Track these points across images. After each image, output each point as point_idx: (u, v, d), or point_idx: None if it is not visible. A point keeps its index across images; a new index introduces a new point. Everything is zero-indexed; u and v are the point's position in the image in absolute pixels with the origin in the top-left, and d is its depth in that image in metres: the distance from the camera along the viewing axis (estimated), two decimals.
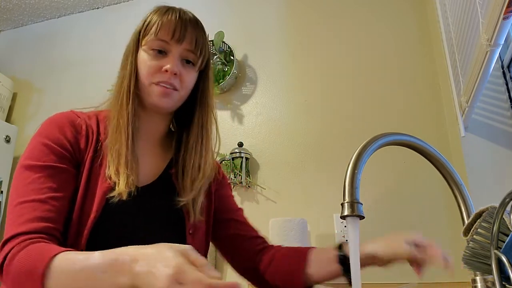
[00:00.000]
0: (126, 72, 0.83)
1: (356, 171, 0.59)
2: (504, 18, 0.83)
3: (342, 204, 0.58)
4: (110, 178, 0.73)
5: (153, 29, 0.81)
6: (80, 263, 0.56)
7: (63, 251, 0.59)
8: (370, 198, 1.46)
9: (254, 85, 1.86)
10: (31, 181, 0.69)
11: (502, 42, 0.92)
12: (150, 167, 0.84)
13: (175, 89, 0.81)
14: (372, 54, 1.72)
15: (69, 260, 0.57)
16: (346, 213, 0.57)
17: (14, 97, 2.25)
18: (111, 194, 0.72)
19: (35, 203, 0.67)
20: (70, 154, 0.74)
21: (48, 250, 0.60)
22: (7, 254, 0.61)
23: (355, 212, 0.56)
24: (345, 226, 1.47)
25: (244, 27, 1.98)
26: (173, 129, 0.93)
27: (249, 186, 1.68)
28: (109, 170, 0.74)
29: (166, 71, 0.79)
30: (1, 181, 1.90)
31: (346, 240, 1.48)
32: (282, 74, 1.83)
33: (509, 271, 0.40)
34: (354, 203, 0.57)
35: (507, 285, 0.42)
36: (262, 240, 0.91)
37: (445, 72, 1.47)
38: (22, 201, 0.67)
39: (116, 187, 0.72)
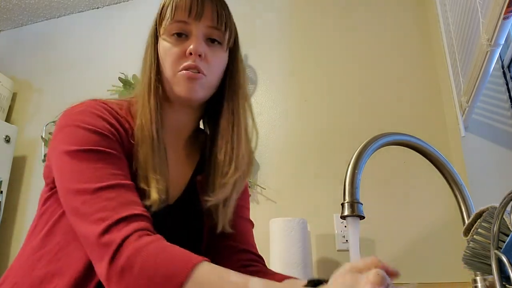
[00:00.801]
0: (146, 66, 0.75)
1: (356, 171, 0.59)
2: (504, 18, 0.83)
3: (342, 204, 0.58)
4: (140, 184, 0.65)
5: (168, 12, 0.73)
6: (233, 285, 0.48)
7: (206, 261, 0.52)
8: (370, 198, 1.45)
9: (254, 85, 1.86)
10: (101, 166, 0.61)
11: (503, 42, 0.92)
12: (177, 174, 0.75)
13: (202, 73, 0.71)
14: (372, 54, 1.72)
15: (218, 276, 0.50)
16: (346, 213, 0.57)
17: (14, 97, 2.25)
18: (144, 202, 0.63)
19: (120, 188, 0.59)
20: (121, 146, 0.67)
21: (186, 255, 0.52)
22: (118, 248, 0.52)
23: (355, 212, 0.56)
24: (345, 226, 1.47)
25: (244, 27, 1.98)
26: (202, 128, 0.85)
27: (249, 186, 1.68)
28: (139, 176, 0.65)
29: (190, 53, 0.70)
30: (1, 181, 1.90)
31: (347, 241, 1.48)
32: (282, 74, 1.82)
33: (509, 271, 0.40)
34: (354, 203, 0.57)
35: (507, 285, 0.42)
36: (251, 256, 0.81)
37: (445, 72, 1.47)
38: (102, 186, 0.58)
39: (147, 197, 0.63)
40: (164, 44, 0.74)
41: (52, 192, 0.69)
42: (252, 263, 0.80)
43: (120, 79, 1.97)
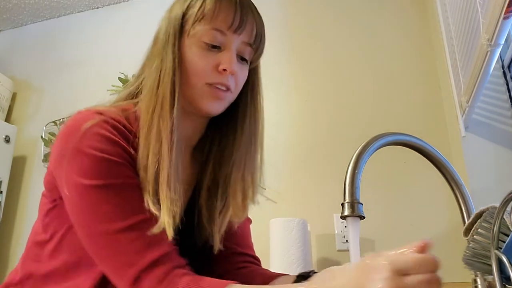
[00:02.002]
0: (166, 66, 0.65)
1: (356, 171, 0.59)
2: (504, 18, 0.83)
3: (343, 204, 0.58)
4: (148, 205, 0.59)
5: (206, 14, 0.65)
6: None
7: (232, 283, 0.53)
8: (370, 198, 1.45)
9: None
10: (119, 202, 0.58)
11: (503, 42, 0.92)
12: (183, 181, 0.70)
13: (230, 91, 0.68)
14: (372, 54, 1.72)
15: None
16: (346, 213, 0.57)
17: (13, 97, 2.25)
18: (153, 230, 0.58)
19: (141, 226, 0.57)
20: (133, 168, 0.62)
21: (215, 284, 0.54)
22: None
23: (355, 212, 0.56)
24: (345, 226, 1.47)
25: None
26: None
27: None
28: (146, 194, 0.60)
29: (225, 70, 0.65)
30: (1, 181, 1.89)
31: (347, 241, 1.48)
32: (282, 74, 1.82)
33: (510, 271, 0.40)
34: (354, 203, 0.57)
35: (507, 286, 0.42)
36: (247, 258, 0.81)
37: (445, 72, 1.47)
38: (124, 228, 0.56)
39: (159, 219, 0.58)
40: (194, 50, 0.66)
41: (55, 205, 0.67)
42: (246, 265, 0.79)
43: (120, 79, 1.97)
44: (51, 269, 0.65)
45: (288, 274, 0.76)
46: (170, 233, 0.58)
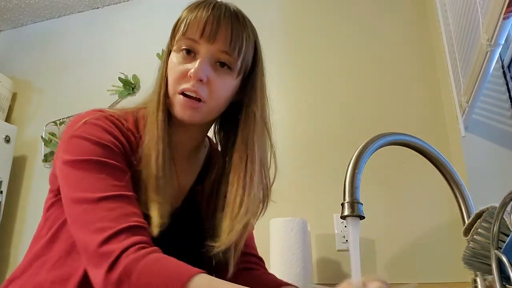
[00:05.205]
0: (157, 79, 0.72)
1: (356, 171, 0.59)
2: (504, 18, 0.83)
3: (342, 204, 0.58)
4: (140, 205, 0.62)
5: (182, 26, 0.69)
6: None
7: (202, 273, 0.52)
8: (370, 198, 1.45)
9: None
10: (104, 177, 0.60)
11: (503, 42, 0.92)
12: (177, 184, 0.73)
13: (200, 100, 0.68)
14: (372, 54, 1.72)
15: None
16: (346, 213, 0.57)
17: (14, 97, 2.25)
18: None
19: (121, 199, 0.59)
20: (125, 159, 0.65)
21: (183, 267, 0.53)
22: (117, 258, 0.53)
23: (355, 212, 0.56)
24: (345, 226, 1.47)
25: None
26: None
27: None
28: (141, 196, 0.63)
29: (191, 76, 0.67)
30: (1, 181, 1.89)
31: (347, 241, 1.48)
32: (281, 74, 1.82)
33: (509, 271, 0.40)
34: (354, 203, 0.57)
35: (507, 285, 0.42)
36: (252, 259, 0.82)
37: (445, 72, 1.47)
38: (104, 196, 0.58)
39: (150, 220, 0.61)
40: (172, 59, 0.71)
41: (57, 199, 0.69)
42: (252, 266, 0.80)
43: (120, 79, 1.97)
44: (46, 257, 0.66)
45: (292, 285, 0.75)
46: (154, 229, 0.60)
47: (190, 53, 0.69)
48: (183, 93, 0.68)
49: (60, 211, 0.67)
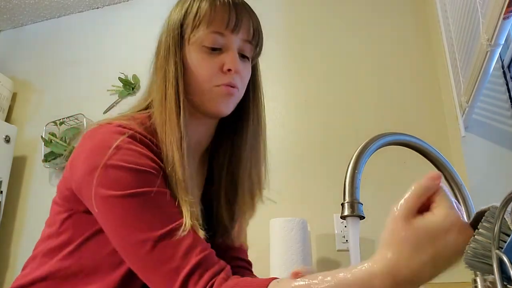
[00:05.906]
0: (169, 77, 0.68)
1: (356, 171, 0.59)
2: (504, 18, 0.83)
3: (342, 204, 0.57)
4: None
5: (203, 19, 0.67)
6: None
7: (276, 279, 0.53)
8: (370, 198, 1.45)
9: None
10: (155, 210, 0.58)
11: (503, 42, 0.92)
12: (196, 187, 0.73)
13: (237, 89, 0.70)
14: (372, 54, 1.72)
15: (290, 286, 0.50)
16: (346, 213, 0.57)
17: (14, 97, 2.25)
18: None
19: (179, 231, 0.56)
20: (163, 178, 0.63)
21: (257, 281, 0.54)
22: None
23: (355, 212, 0.56)
24: (345, 226, 1.47)
25: None
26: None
27: None
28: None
29: (229, 70, 0.67)
30: (1, 181, 1.89)
31: (347, 241, 1.48)
32: (281, 74, 1.82)
33: (511, 271, 0.40)
34: (354, 203, 0.57)
35: (508, 286, 0.42)
36: (238, 262, 0.81)
37: (445, 72, 1.47)
38: (164, 233, 0.56)
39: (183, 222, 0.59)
40: (197, 56, 0.68)
41: (71, 214, 0.67)
42: (240, 271, 0.80)
43: (120, 79, 1.97)
44: (65, 273, 0.65)
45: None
46: (201, 234, 0.59)
47: (216, 49, 0.68)
48: (221, 86, 0.68)
49: (81, 229, 0.65)
